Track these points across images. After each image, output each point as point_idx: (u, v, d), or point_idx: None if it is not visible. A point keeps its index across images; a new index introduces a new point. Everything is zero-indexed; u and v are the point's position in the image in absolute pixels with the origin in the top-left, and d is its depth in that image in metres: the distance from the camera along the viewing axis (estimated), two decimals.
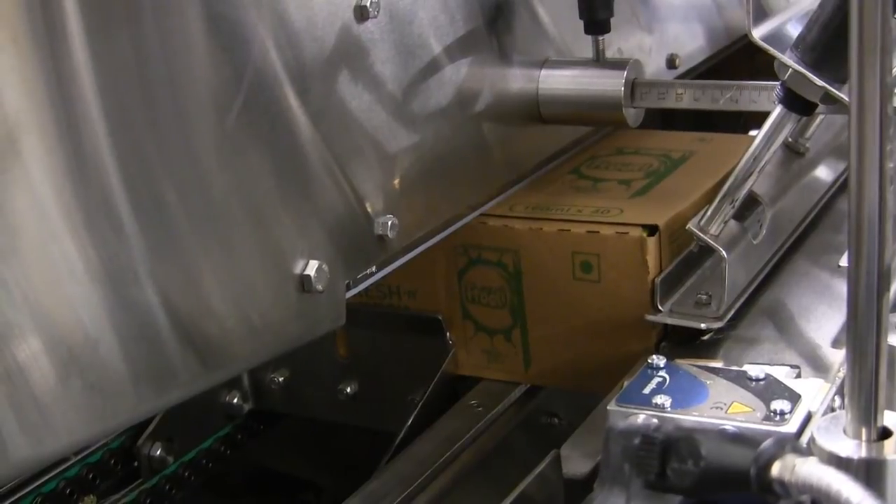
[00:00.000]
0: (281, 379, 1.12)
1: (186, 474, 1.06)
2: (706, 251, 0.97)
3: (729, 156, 1.05)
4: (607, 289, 0.96)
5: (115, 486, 1.01)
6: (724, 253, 0.93)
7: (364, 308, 1.05)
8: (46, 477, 0.93)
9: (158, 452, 1.02)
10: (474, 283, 1.02)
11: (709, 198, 0.96)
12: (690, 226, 0.93)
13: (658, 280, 0.94)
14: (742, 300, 0.97)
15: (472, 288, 1.02)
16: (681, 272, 0.98)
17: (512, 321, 1.02)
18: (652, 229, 0.95)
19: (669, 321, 0.94)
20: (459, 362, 1.05)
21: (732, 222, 0.95)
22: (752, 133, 0.95)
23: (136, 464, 1.02)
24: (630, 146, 1.16)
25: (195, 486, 1.07)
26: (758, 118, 0.95)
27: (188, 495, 1.06)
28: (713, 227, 0.93)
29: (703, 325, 0.93)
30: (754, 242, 1.00)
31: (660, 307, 0.95)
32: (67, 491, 0.95)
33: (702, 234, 0.93)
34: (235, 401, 1.12)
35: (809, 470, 0.58)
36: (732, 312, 0.95)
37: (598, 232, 0.96)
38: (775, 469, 0.59)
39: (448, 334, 1.04)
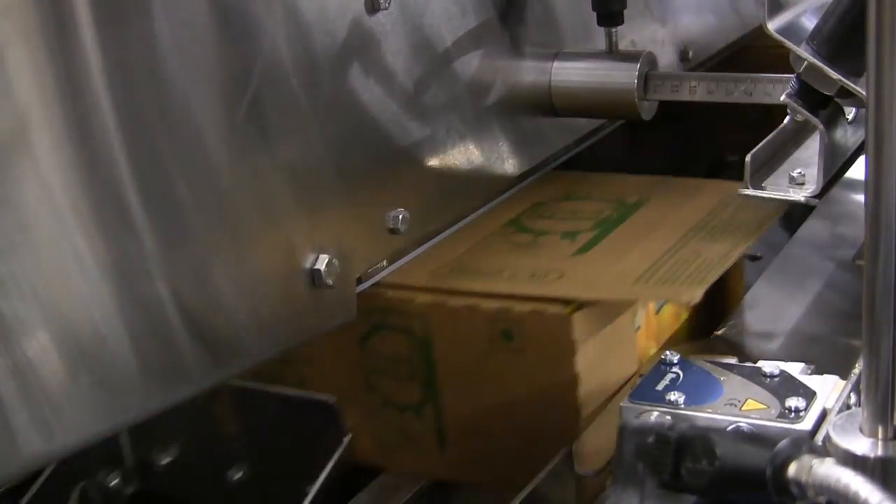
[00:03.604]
0: (167, 459, 0.97)
1: None
2: (799, 134, 0.93)
3: (687, 202, 1.00)
4: (530, 359, 0.84)
5: None
6: (822, 126, 0.88)
7: (252, 389, 0.91)
8: None
9: None
10: (378, 351, 0.89)
11: (660, 253, 0.90)
12: (784, 98, 0.88)
13: (748, 158, 0.90)
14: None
15: (376, 357, 0.90)
16: (771, 153, 0.95)
17: (423, 395, 0.89)
18: (580, 304, 0.84)
19: (766, 195, 0.91)
20: (364, 444, 0.90)
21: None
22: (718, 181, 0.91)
23: None
24: (580, 192, 1.07)
25: None
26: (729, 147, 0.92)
27: None
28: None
29: (801, 197, 0.90)
30: (848, 120, 0.97)
31: (749, 186, 0.91)
32: None
33: (799, 108, 0.88)
34: (114, 483, 0.94)
35: (827, 471, 0.57)
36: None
37: (512, 309, 0.84)
38: (792, 470, 0.59)
39: (342, 419, 0.88)
